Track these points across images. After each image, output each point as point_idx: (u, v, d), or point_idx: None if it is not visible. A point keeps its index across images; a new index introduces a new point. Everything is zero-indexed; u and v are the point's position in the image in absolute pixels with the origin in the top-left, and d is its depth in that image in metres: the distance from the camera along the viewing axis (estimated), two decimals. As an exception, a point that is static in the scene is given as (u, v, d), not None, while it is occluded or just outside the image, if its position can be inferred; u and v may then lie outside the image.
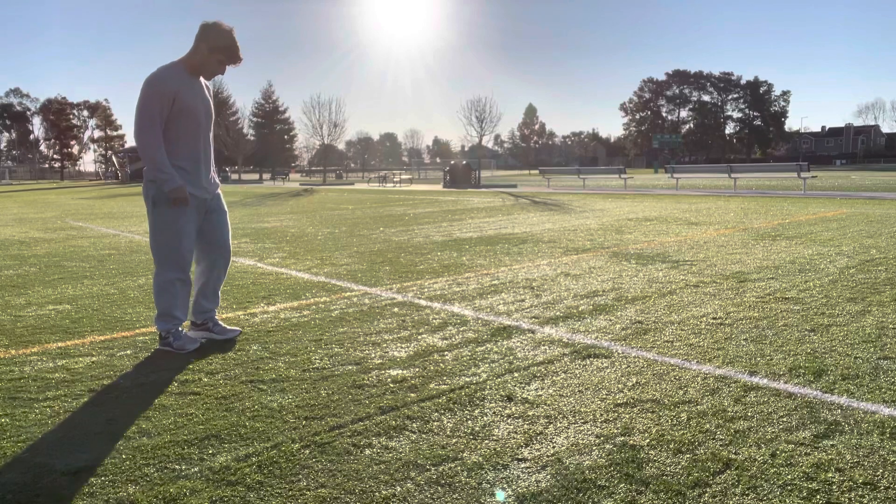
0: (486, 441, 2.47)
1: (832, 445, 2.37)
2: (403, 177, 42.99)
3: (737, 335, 3.81)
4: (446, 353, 3.58)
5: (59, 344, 3.88)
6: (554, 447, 2.41)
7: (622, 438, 2.47)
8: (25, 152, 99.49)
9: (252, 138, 71.35)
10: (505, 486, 2.15)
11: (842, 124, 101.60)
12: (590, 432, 2.53)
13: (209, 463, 2.33)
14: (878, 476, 2.15)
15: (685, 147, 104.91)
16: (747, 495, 2.05)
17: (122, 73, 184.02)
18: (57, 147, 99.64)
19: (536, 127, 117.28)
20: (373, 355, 3.57)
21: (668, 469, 2.22)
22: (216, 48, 3.63)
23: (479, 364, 3.38)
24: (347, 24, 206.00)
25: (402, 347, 3.71)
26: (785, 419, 2.61)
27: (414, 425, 2.63)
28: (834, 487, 2.08)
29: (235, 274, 6.27)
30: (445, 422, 2.66)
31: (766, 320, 4.11)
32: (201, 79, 3.78)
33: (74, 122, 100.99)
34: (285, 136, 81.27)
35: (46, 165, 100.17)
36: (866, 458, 2.26)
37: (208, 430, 2.60)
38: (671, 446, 2.39)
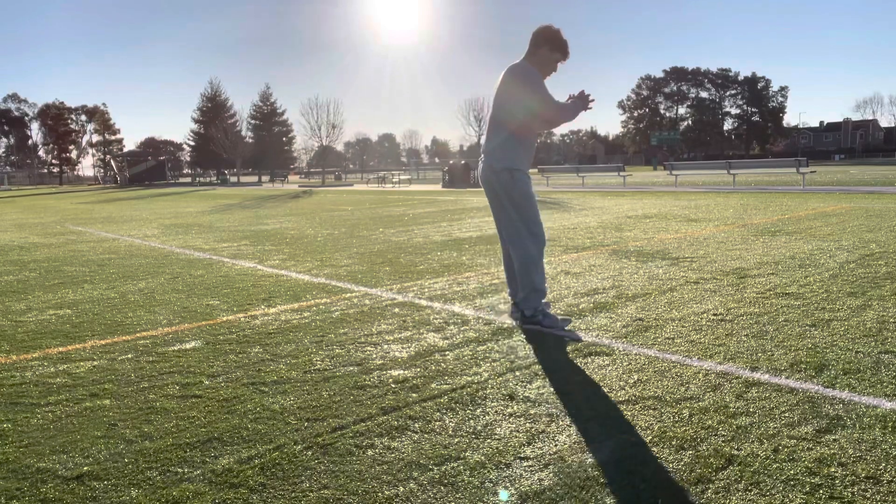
0: (489, 440, 2.47)
1: (834, 440, 2.37)
2: (402, 177, 42.93)
3: (738, 331, 3.81)
4: (447, 352, 3.58)
5: (60, 349, 3.88)
6: (556, 445, 2.41)
7: (624, 436, 2.47)
8: (24, 157, 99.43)
9: (250, 140, 71.34)
10: (508, 485, 2.15)
11: (840, 119, 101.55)
12: (592, 430, 2.53)
13: (211, 466, 2.33)
14: (880, 470, 2.15)
15: (683, 144, 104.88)
16: (750, 491, 2.05)
17: (120, 77, 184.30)
18: (55, 152, 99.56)
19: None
20: (374, 356, 3.57)
21: (671, 466, 2.22)
22: (557, 48, 4.01)
23: (480, 363, 3.38)
24: (344, 24, 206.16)
25: (403, 348, 3.71)
26: (787, 414, 2.61)
27: (416, 425, 2.63)
28: (836, 482, 2.08)
29: (235, 276, 6.27)
30: (447, 421, 2.66)
31: (766, 316, 4.11)
32: None
33: (72, 126, 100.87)
34: (283, 138, 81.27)
35: (45, 170, 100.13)
36: (868, 453, 2.26)
37: (210, 433, 2.60)
38: (673, 443, 2.39)
